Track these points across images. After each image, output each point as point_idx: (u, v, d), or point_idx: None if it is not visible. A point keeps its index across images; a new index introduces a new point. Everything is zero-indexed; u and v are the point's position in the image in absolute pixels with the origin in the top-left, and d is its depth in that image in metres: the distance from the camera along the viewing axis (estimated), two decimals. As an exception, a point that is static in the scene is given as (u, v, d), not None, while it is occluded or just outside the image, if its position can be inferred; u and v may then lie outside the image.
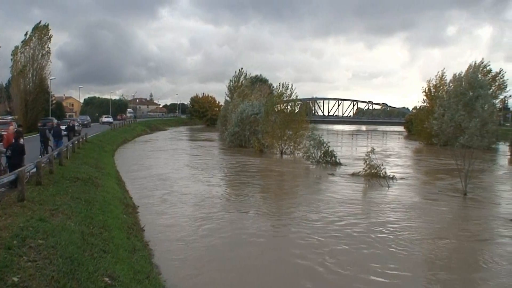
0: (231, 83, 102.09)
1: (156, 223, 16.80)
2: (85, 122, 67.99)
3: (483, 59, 66.95)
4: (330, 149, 37.28)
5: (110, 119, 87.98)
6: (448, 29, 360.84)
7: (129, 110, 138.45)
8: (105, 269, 9.20)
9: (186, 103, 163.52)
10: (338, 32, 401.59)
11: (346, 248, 14.39)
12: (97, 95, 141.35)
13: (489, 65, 67.96)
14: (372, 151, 28.70)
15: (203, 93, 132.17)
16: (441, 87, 68.46)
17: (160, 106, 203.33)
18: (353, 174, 29.77)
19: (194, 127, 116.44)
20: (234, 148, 50.44)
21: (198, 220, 17.45)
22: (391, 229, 16.79)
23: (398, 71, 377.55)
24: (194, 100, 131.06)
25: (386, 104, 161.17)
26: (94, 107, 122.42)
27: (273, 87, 78.89)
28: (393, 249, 14.35)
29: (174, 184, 25.69)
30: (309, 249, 14.10)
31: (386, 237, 15.66)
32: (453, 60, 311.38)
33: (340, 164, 35.87)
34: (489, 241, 16.13)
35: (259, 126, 49.16)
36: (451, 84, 63.43)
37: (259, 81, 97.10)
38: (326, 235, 15.69)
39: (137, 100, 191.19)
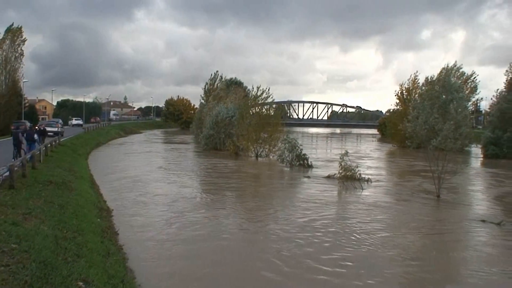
0: (207, 86, 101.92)
1: (131, 226, 16.67)
2: None
3: (456, 61, 68.50)
4: (303, 152, 37.57)
5: (80, 122, 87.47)
6: (423, 33, 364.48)
7: (113, 112, 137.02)
8: (79, 274, 9.12)
9: (161, 106, 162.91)
10: (314, 35, 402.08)
11: (315, 249, 14.49)
12: (70, 98, 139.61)
13: (461, 68, 69.56)
14: (346, 153, 29.03)
15: (178, 96, 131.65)
16: (414, 90, 69.28)
17: (135, 109, 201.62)
18: (329, 177, 30.02)
19: (169, 130, 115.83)
20: (209, 151, 50.40)
21: (172, 223, 17.42)
22: (362, 230, 16.98)
23: (372, 75, 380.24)
24: (169, 103, 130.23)
25: (360, 107, 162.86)
26: (67, 110, 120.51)
27: (248, 90, 79.03)
28: (363, 250, 14.53)
29: (148, 187, 25.54)
30: (279, 252, 14.16)
31: (356, 238, 15.85)
32: (427, 63, 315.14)
33: (311, 166, 36.25)
34: (461, 242, 16.45)
35: (234, 129, 49.24)
36: (423, 87, 64.33)
37: (234, 84, 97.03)
38: (299, 237, 15.79)
39: (111, 103, 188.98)
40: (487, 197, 26.18)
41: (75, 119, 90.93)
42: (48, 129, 50.63)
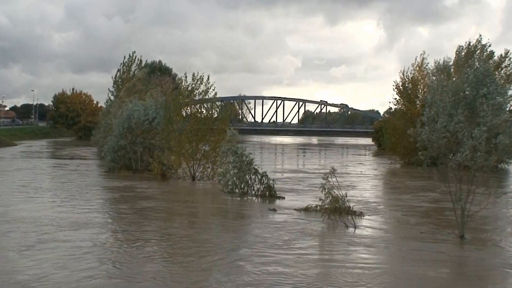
0: (119, 73, 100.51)
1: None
2: None
3: (480, 36, 67.53)
4: (255, 168, 35.88)
5: None
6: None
7: None
8: None
9: (48, 104, 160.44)
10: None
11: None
12: None
13: (489, 46, 68.33)
14: (332, 172, 28.40)
15: (74, 89, 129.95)
16: (421, 80, 69.64)
17: (6, 108, 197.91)
18: (307, 209, 29.57)
19: (60, 140, 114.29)
20: (119, 171, 49.06)
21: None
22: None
23: (369, 57, 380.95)
24: (60, 99, 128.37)
25: (347, 106, 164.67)
26: None
27: (180, 79, 78.56)
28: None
29: (20, 229, 24.52)
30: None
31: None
32: (449, 41, 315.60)
33: (275, 196, 34.88)
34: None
35: (157, 138, 48.58)
36: (433, 76, 63.40)
37: (159, 71, 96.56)
38: None
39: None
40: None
41: None
42: None
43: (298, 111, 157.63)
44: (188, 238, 24.64)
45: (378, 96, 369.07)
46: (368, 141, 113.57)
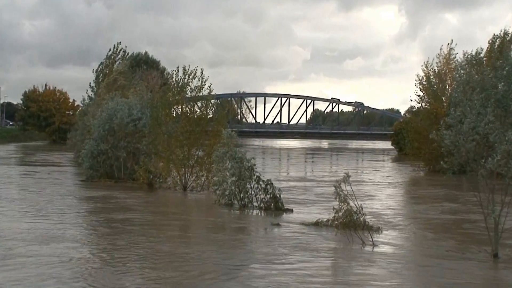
0: (101, 67, 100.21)
1: None
2: None
3: None
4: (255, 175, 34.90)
5: None
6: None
7: None
8: None
9: (17, 102, 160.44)
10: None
11: None
12: None
13: None
14: (347, 178, 27.98)
15: (47, 86, 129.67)
16: (448, 74, 69.55)
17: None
18: (317, 224, 29.17)
19: (31, 144, 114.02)
20: (99, 179, 48.56)
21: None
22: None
23: (389, 48, 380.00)
24: (30, 97, 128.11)
25: (362, 104, 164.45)
26: None
27: (169, 74, 78.28)
28: None
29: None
30: None
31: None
32: (481, 29, 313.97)
33: (282, 208, 34.21)
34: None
35: (143, 142, 48.22)
36: (461, 70, 62.82)
37: (145, 64, 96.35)
38: None
39: None
40: None
41: None
42: None
43: (306, 110, 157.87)
44: (173, 255, 24.42)
45: (399, 93, 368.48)
46: (387, 144, 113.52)
